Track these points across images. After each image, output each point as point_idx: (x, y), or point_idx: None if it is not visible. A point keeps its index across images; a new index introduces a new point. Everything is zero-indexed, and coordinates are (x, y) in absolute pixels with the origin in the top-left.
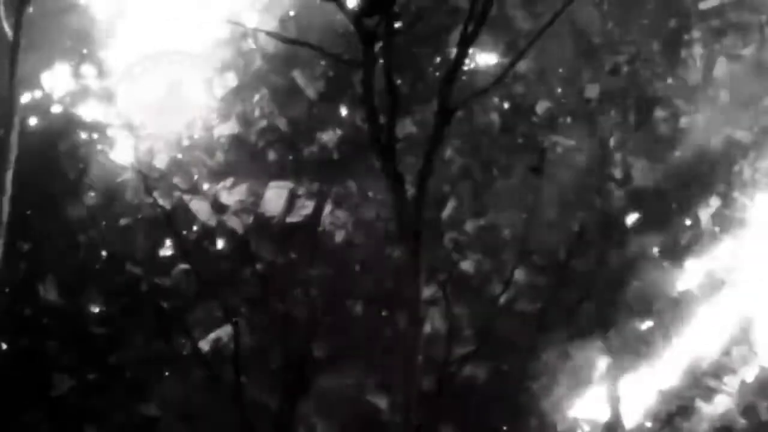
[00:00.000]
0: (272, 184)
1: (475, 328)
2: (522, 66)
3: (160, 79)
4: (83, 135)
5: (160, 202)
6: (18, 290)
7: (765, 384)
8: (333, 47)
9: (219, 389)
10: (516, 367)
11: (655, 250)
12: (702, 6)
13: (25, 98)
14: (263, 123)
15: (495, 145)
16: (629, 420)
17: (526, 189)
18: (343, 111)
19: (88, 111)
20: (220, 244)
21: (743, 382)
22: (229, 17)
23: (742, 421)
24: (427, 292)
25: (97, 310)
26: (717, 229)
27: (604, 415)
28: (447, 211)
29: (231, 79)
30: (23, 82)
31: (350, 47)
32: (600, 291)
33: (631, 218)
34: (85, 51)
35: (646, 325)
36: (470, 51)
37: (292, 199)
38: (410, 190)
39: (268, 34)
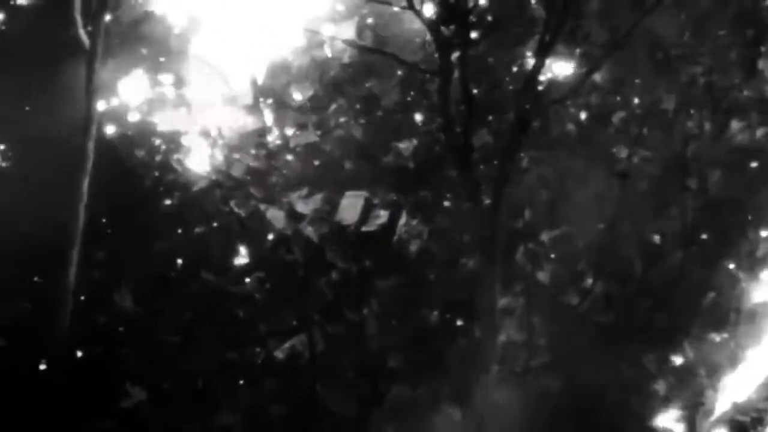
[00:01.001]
0: (348, 193)
1: (551, 339)
2: (598, 76)
3: (237, 86)
4: (159, 143)
5: (236, 210)
6: (93, 298)
7: None
8: (410, 56)
9: (293, 398)
10: (591, 379)
11: (731, 261)
12: None
13: (102, 106)
14: (340, 132)
15: (571, 155)
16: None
17: (602, 199)
18: (419, 120)
19: (164, 119)
20: (295, 252)
21: None
22: (306, 26)
23: None
24: (503, 301)
25: (171, 318)
26: None
27: (680, 427)
28: (523, 221)
29: (308, 88)
30: (100, 90)
31: (427, 56)
32: (675, 302)
33: (707, 229)
34: (161, 59)
35: (721, 336)
36: (547, 61)
37: (368, 208)
38: (486, 200)
39: (346, 42)
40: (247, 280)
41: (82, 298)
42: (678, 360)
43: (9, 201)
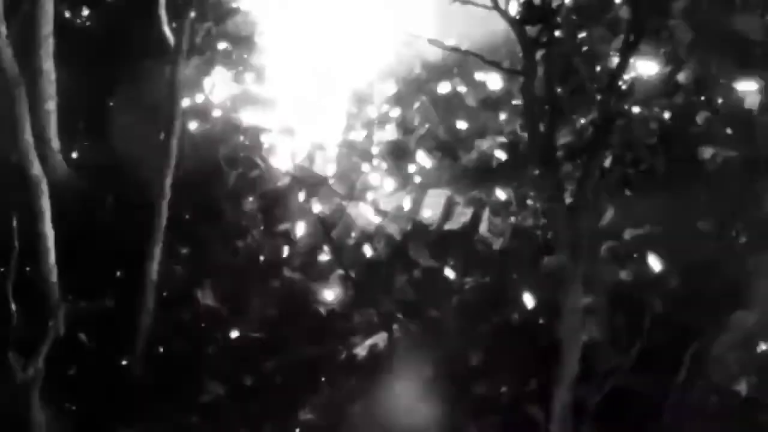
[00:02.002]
0: (431, 191)
1: (634, 339)
2: (682, 76)
3: (320, 84)
4: (243, 140)
5: (319, 207)
6: (176, 294)
7: None
8: (494, 55)
9: (374, 396)
10: (674, 380)
11: None
12: None
13: (186, 102)
14: (422, 130)
15: (655, 154)
16: None
17: (685, 199)
18: (503, 119)
19: (248, 116)
20: (377, 250)
21: None
22: (390, 24)
23: None
24: (585, 301)
25: (253, 315)
26: None
27: None
28: (605, 221)
29: (391, 87)
30: (184, 86)
31: (511, 55)
32: (757, 300)
33: None
34: (245, 56)
35: None
36: (631, 60)
37: (450, 205)
38: (569, 199)
39: (430, 41)
40: (330, 277)
41: (165, 294)
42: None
43: (92, 196)
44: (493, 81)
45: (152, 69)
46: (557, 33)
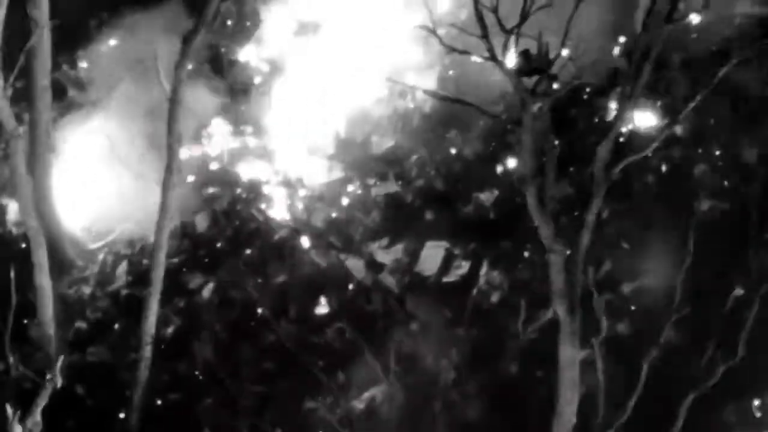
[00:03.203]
0: (428, 243)
1: (630, 392)
2: (679, 128)
3: (318, 136)
4: (241, 192)
5: (316, 260)
6: (173, 347)
7: None
8: (491, 107)
9: None
10: None
11: None
12: None
13: (183, 155)
14: (420, 182)
15: (652, 207)
16: None
17: (683, 252)
18: (500, 170)
19: (246, 168)
20: (375, 303)
21: None
22: (387, 76)
23: None
24: (583, 353)
25: (250, 368)
26: None
27: None
28: (602, 273)
29: (389, 138)
30: (182, 138)
31: (508, 107)
32: (759, 354)
33: None
34: (243, 108)
35: None
36: (628, 112)
37: (448, 258)
38: (566, 252)
39: (427, 93)
40: (328, 330)
41: (162, 346)
42: (758, 412)
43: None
44: (491, 133)
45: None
46: (555, 85)
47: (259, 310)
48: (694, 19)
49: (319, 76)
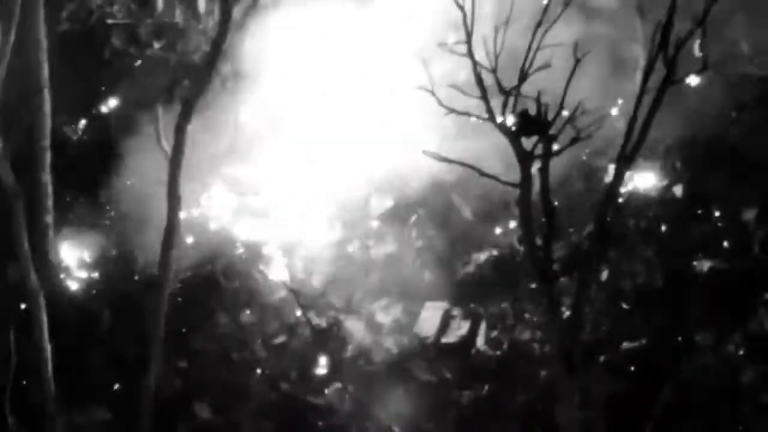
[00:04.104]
0: (427, 304)
1: None
2: (678, 189)
3: (317, 196)
4: (240, 253)
5: (315, 320)
6: (173, 407)
7: None
8: (490, 168)
9: None
10: None
11: None
12: None
13: (183, 215)
14: (420, 243)
15: (651, 268)
16: None
17: (682, 312)
18: (499, 231)
19: (245, 227)
20: (374, 363)
21: None
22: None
23: None
24: (582, 414)
25: (250, 429)
26: None
27: None
28: (601, 334)
29: (388, 199)
30: (182, 200)
31: (507, 168)
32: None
33: None
34: (242, 168)
35: None
36: (627, 173)
37: (447, 319)
38: (566, 312)
39: (426, 153)
40: (327, 390)
41: (162, 407)
42: None
43: (89, 307)
44: (490, 194)
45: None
46: (554, 145)
47: (259, 371)
48: (693, 80)
49: (317, 134)
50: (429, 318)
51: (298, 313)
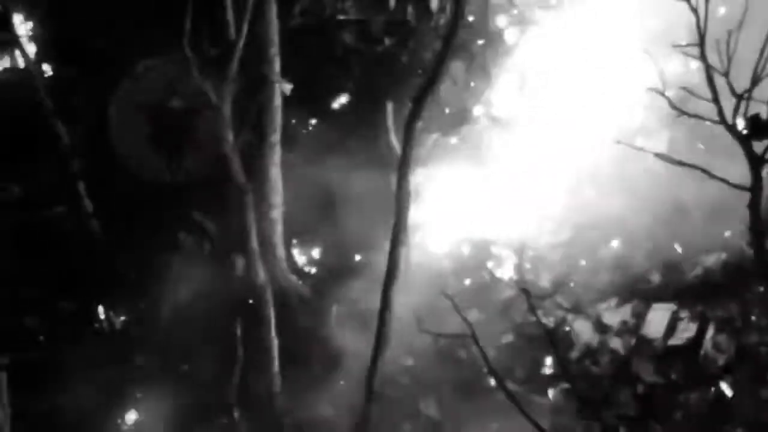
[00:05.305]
0: (655, 305)
1: None
2: None
3: (545, 197)
4: (471, 251)
5: (543, 320)
6: (398, 405)
7: None
8: (719, 170)
9: None
10: None
11: None
12: None
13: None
14: (650, 245)
15: None
16: None
17: None
18: (728, 234)
19: (473, 226)
20: (601, 364)
21: None
22: (616, 138)
23: None
24: None
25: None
26: None
27: None
28: None
29: (616, 200)
30: (411, 197)
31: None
32: None
33: None
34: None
35: None
36: None
37: (675, 321)
38: None
39: (656, 155)
40: (553, 390)
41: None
42: None
43: (318, 304)
44: (720, 196)
45: (376, 178)
46: None
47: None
48: None
49: (544, 135)
50: (656, 319)
51: (526, 312)
